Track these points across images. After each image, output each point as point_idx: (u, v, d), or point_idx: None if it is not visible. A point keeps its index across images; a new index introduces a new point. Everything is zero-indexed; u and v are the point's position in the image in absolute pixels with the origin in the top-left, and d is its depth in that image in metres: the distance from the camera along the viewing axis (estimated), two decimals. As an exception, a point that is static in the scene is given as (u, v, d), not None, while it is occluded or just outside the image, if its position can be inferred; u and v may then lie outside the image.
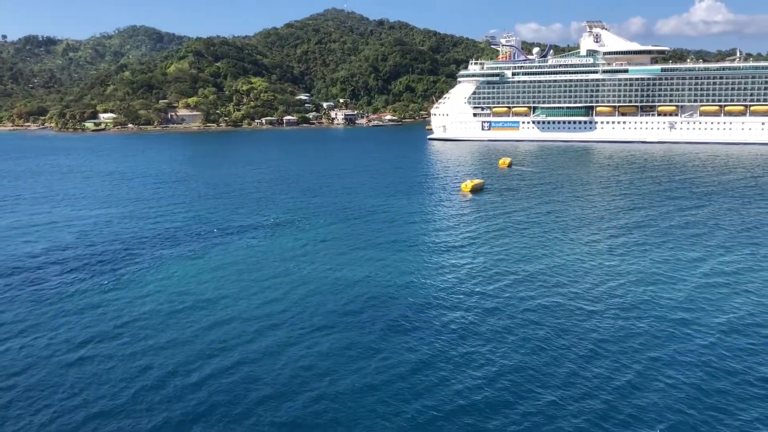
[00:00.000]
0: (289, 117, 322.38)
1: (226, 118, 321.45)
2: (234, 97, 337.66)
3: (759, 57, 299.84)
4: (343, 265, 56.48)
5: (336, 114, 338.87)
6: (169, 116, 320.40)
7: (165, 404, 32.98)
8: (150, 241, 67.30)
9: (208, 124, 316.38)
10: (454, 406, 32.23)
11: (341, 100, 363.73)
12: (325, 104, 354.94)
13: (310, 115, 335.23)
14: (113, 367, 37.21)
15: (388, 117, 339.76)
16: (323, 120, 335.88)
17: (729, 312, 43.49)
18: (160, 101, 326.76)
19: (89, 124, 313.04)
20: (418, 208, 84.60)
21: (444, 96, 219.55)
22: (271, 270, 55.56)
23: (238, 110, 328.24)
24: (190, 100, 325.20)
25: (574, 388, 33.69)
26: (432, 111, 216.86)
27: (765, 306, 44.51)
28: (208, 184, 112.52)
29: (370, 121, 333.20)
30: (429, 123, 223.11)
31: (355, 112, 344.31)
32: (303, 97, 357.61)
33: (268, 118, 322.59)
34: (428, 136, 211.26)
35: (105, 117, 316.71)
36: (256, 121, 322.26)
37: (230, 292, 49.91)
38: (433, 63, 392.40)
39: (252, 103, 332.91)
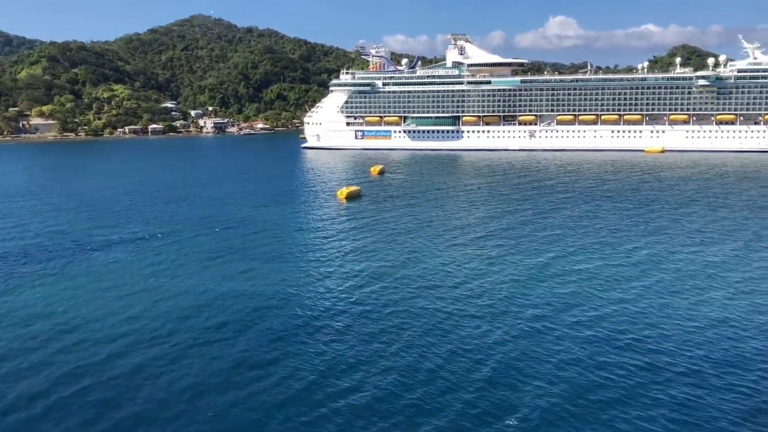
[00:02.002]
0: (154, 125, 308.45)
1: (86, 127, 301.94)
2: (94, 105, 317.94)
3: (607, 70, 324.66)
4: (209, 278, 54.34)
5: (205, 122, 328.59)
6: (21, 125, 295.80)
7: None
8: (-8, 260, 61.08)
9: (66, 134, 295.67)
10: (319, 413, 31.96)
11: (210, 108, 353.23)
12: (193, 112, 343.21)
13: (177, 123, 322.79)
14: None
15: (260, 125, 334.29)
16: (191, 128, 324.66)
17: (577, 307, 46.26)
18: (10, 109, 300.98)
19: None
20: (293, 217, 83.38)
21: (317, 105, 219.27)
22: (131, 286, 52.32)
23: (99, 119, 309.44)
24: (44, 108, 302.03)
25: (435, 386, 34.38)
26: (305, 120, 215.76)
27: (608, 300, 47.82)
28: (66, 197, 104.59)
29: (241, 129, 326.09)
30: (302, 132, 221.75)
31: (225, 121, 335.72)
32: (169, 105, 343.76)
33: (132, 126, 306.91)
34: (302, 145, 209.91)
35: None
36: (119, 130, 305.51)
37: (85, 311, 46.37)
38: (304, 72, 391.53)
39: (114, 112, 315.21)
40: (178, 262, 59.94)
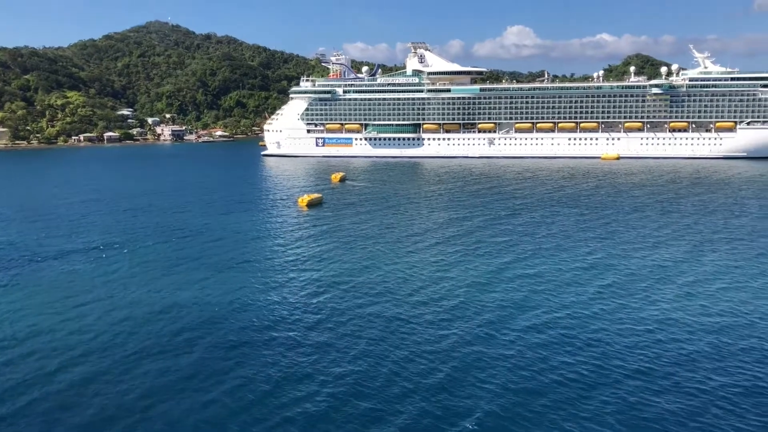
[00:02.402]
0: (110, 133, 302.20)
1: (39, 135, 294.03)
2: (47, 113, 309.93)
3: (564, 78, 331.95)
4: (165, 288, 53.51)
5: (162, 130, 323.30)
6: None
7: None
8: (-64, 272, 59.00)
9: (18, 142, 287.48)
10: (274, 422, 31.74)
11: (168, 116, 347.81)
12: (150, 120, 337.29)
13: (134, 131, 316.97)
14: None
15: (219, 133, 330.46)
16: (148, 136, 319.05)
17: (530, 311, 47.02)
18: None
19: None
20: (252, 225, 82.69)
21: (277, 112, 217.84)
22: (84, 297, 51.25)
23: (53, 126, 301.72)
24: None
25: (390, 392, 34.48)
26: (265, 127, 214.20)
27: (561, 304, 48.70)
28: (17, 207, 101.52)
29: (199, 137, 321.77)
30: (262, 139, 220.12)
31: (184, 128, 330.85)
32: (125, 112, 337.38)
33: (87, 134, 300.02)
34: (262, 153, 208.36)
35: None
36: (74, 138, 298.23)
37: (34, 323, 45.18)
38: (264, 79, 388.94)
39: (68, 119, 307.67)
40: (133, 272, 58.83)
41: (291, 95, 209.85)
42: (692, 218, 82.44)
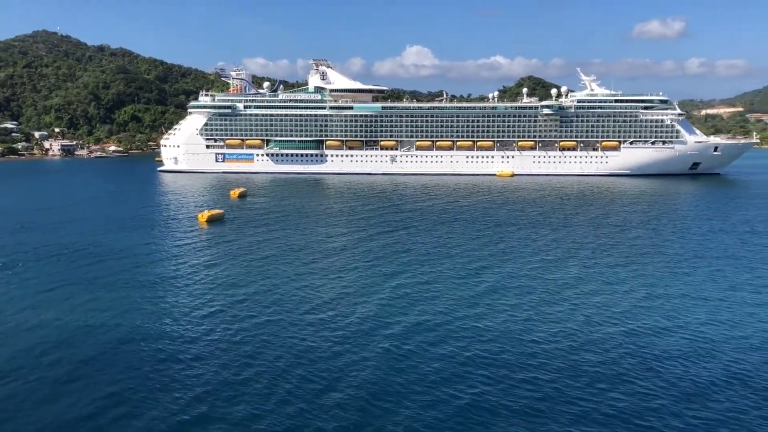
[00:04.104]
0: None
1: None
2: None
3: (462, 98, 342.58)
4: (48, 311, 50.37)
5: (51, 145, 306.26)
6: None
7: None
8: None
9: None
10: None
11: (57, 130, 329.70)
12: (37, 134, 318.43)
13: (19, 145, 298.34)
14: None
15: (113, 148, 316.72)
16: (35, 151, 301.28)
17: (424, 325, 47.94)
18: None
19: None
20: (149, 242, 79.67)
21: (175, 127, 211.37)
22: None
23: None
24: None
25: (285, 413, 34.04)
26: (162, 142, 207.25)
27: (453, 318, 49.96)
28: None
29: (91, 152, 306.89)
30: (159, 154, 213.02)
31: (74, 143, 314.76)
32: (9, 125, 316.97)
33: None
34: (159, 168, 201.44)
35: None
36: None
37: None
38: (160, 93, 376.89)
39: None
40: (11, 296, 54.98)
41: (189, 110, 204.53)
42: (581, 233, 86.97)
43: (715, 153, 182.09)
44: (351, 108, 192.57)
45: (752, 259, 70.60)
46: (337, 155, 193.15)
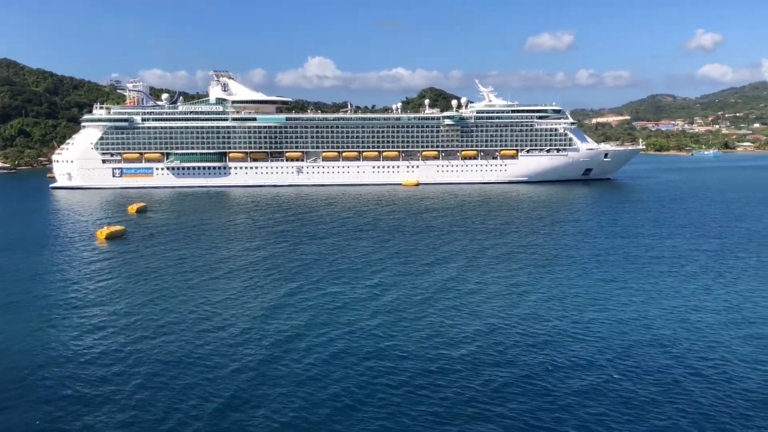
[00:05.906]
0: None
1: None
2: None
3: (366, 110, 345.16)
4: None
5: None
6: None
7: None
8: None
9: None
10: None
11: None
12: None
13: None
14: None
15: None
16: None
17: (315, 329, 49.10)
18: None
19: None
20: (41, 261, 75.73)
21: (67, 141, 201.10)
22: None
23: None
24: None
25: (167, 424, 33.37)
26: (54, 157, 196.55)
27: (349, 320, 50.89)
28: None
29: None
30: (51, 170, 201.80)
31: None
32: None
33: None
34: (51, 185, 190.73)
35: None
36: None
37: None
38: (51, 106, 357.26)
39: None
40: None
41: (83, 123, 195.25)
42: (480, 237, 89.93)
43: (605, 159, 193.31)
44: (254, 119, 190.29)
45: (640, 257, 75.67)
46: (241, 167, 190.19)
